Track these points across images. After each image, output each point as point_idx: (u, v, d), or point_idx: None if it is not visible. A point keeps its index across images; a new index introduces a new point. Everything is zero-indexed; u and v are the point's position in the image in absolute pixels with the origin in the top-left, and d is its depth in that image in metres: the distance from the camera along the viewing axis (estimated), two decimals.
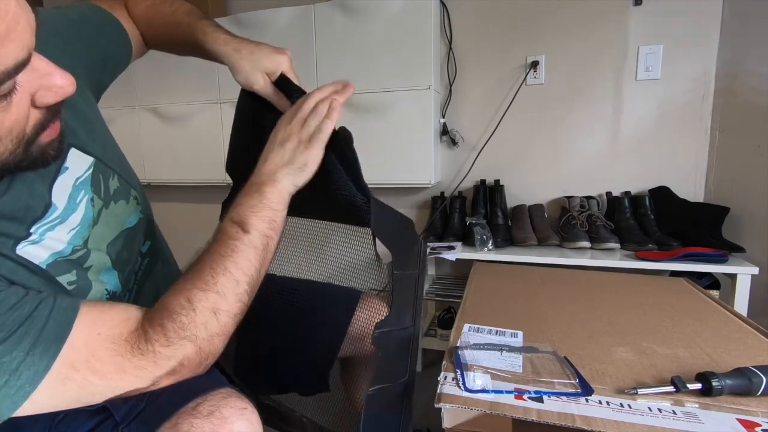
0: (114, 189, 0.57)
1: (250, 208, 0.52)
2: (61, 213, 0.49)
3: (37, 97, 0.38)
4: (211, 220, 0.65)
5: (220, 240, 0.50)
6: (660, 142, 1.51)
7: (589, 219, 1.45)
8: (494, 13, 1.62)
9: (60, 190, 0.49)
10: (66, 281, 0.49)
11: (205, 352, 0.47)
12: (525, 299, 0.90)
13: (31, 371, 0.39)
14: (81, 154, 0.53)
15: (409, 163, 1.58)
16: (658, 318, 0.79)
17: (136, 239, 0.62)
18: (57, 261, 0.48)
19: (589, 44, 1.54)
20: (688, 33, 1.44)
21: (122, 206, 0.59)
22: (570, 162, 1.62)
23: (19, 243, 0.45)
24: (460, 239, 1.53)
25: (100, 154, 0.55)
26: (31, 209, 0.46)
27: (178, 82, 1.83)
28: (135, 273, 0.62)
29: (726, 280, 1.26)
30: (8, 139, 0.38)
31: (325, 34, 1.61)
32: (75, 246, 0.50)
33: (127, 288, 0.59)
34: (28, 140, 0.39)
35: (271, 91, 0.64)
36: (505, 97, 1.64)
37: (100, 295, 0.54)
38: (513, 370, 0.60)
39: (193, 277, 0.48)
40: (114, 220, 0.56)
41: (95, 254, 0.53)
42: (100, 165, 0.55)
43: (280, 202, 0.53)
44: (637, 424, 0.48)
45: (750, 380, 0.53)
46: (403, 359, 0.61)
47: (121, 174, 0.59)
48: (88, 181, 0.53)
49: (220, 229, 0.52)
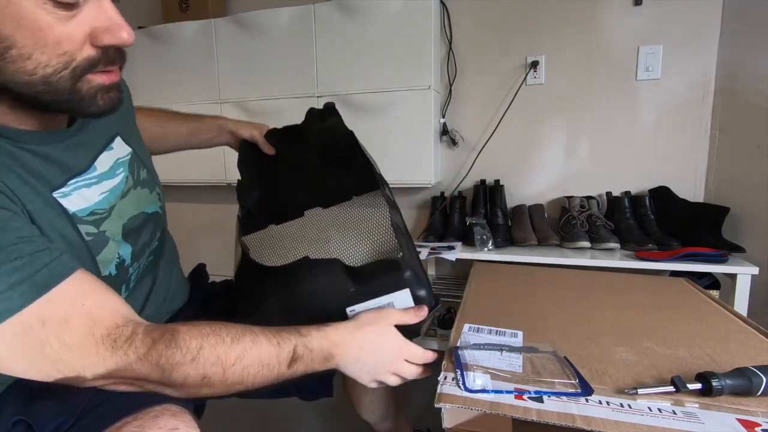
0: (143, 178, 0.65)
1: (311, 353, 0.53)
2: (98, 175, 0.56)
3: (97, 34, 0.42)
4: (210, 220, 0.66)
5: (276, 346, 0.50)
6: (660, 142, 1.51)
7: (589, 219, 1.45)
8: (494, 13, 1.62)
9: (103, 161, 0.58)
10: (85, 231, 0.53)
11: (166, 389, 0.46)
12: (525, 299, 0.89)
13: (4, 306, 0.39)
14: (123, 144, 0.63)
15: (409, 163, 1.58)
16: (658, 318, 0.79)
17: (150, 226, 0.66)
18: (79, 216, 0.53)
19: (589, 44, 1.54)
20: (688, 33, 1.44)
21: (146, 193, 0.66)
22: (570, 162, 1.62)
23: (54, 191, 0.50)
24: (460, 239, 1.53)
25: (137, 149, 0.66)
26: (75, 166, 0.53)
27: (178, 83, 1.83)
28: (143, 257, 0.64)
29: (726, 280, 1.25)
30: (54, 52, 0.40)
31: (325, 34, 1.61)
32: (100, 209, 0.56)
33: (135, 266, 0.61)
34: (75, 69, 0.42)
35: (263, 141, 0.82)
36: (505, 97, 1.64)
37: (113, 255, 0.56)
38: (513, 370, 0.60)
39: (225, 341, 0.47)
40: (138, 200, 0.63)
41: (114, 223, 0.58)
42: (135, 156, 0.64)
43: (323, 364, 0.55)
44: (637, 424, 0.48)
45: (750, 380, 0.53)
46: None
47: (149, 170, 0.68)
48: (126, 162, 0.62)
49: (287, 341, 0.51)
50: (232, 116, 1.84)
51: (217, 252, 1.88)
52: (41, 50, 0.40)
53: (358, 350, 0.55)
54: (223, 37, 1.74)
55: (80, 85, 0.43)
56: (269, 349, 0.49)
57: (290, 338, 0.51)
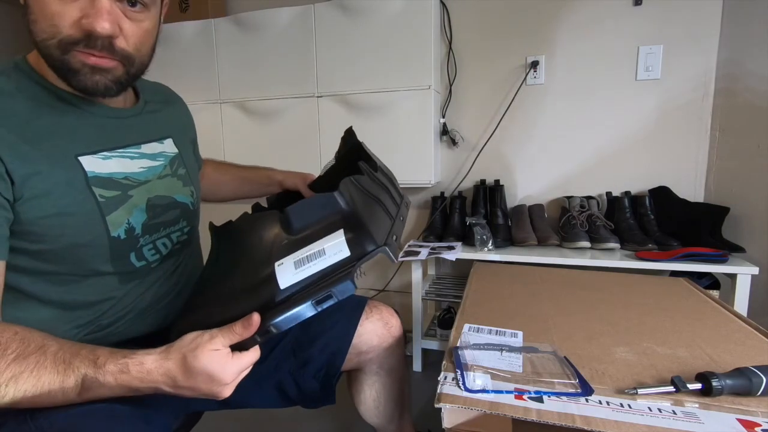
0: (180, 173, 0.73)
1: (104, 387, 0.47)
2: (140, 153, 0.66)
3: (81, 18, 0.51)
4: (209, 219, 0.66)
5: (61, 374, 0.46)
6: (660, 142, 1.51)
7: (589, 219, 1.45)
8: (494, 13, 1.62)
9: (151, 146, 0.69)
10: (99, 194, 0.58)
11: None
12: (525, 299, 0.90)
13: None
14: (173, 145, 0.74)
15: (409, 163, 1.58)
16: (658, 318, 0.79)
17: (176, 211, 0.70)
18: (112, 178, 0.60)
19: (589, 44, 1.54)
20: (688, 33, 1.44)
21: (180, 185, 0.72)
22: (570, 162, 1.62)
23: (83, 155, 0.58)
24: (460, 239, 1.53)
25: (184, 154, 0.76)
26: (123, 139, 0.64)
27: (178, 83, 1.83)
28: (157, 233, 0.67)
29: (726, 280, 1.25)
30: (48, 22, 0.51)
31: (325, 34, 1.61)
32: (135, 179, 0.64)
33: (147, 238, 0.65)
34: (60, 41, 0.52)
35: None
36: (505, 97, 1.64)
37: (122, 219, 0.61)
38: (513, 370, 0.60)
39: (7, 357, 0.45)
40: (171, 186, 0.70)
41: (141, 193, 0.64)
42: (179, 157, 0.74)
43: (130, 392, 0.49)
44: (637, 424, 0.48)
45: (750, 380, 0.53)
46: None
47: (189, 172, 0.76)
48: (169, 156, 0.72)
49: (75, 370, 0.47)
50: (232, 116, 1.83)
51: None
52: (43, 19, 0.51)
53: (170, 382, 0.48)
54: (223, 37, 1.74)
55: (68, 57, 0.53)
56: (52, 377, 0.46)
57: (80, 368, 0.47)
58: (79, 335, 0.61)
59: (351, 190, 0.57)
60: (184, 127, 0.82)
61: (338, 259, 0.53)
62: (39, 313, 0.58)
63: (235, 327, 0.50)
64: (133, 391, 0.48)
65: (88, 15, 0.51)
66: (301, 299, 0.51)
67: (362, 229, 0.54)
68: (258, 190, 0.95)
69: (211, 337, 0.49)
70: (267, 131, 1.75)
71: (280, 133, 1.73)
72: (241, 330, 0.50)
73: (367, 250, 0.53)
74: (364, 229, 0.54)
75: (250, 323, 0.49)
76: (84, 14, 0.51)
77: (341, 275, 0.52)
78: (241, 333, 0.50)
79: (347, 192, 0.56)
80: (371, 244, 0.53)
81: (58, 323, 0.59)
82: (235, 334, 0.50)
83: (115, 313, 0.63)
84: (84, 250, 0.58)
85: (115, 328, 0.64)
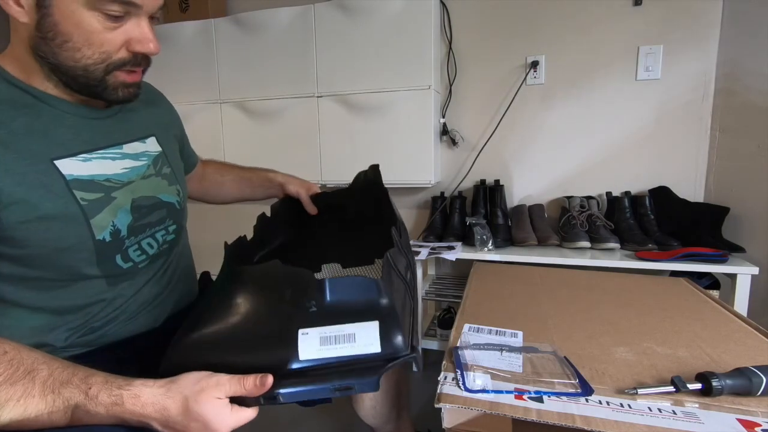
0: (164, 172, 0.72)
1: (95, 416, 0.45)
2: (122, 153, 0.66)
3: (132, 42, 0.57)
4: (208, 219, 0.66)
5: (50, 404, 0.45)
6: (660, 142, 1.51)
7: (589, 219, 1.45)
8: (494, 13, 1.62)
9: (133, 146, 0.68)
10: (81, 197, 0.58)
11: None
12: (525, 299, 0.90)
13: None
14: (156, 144, 0.73)
15: (409, 163, 1.58)
16: (658, 318, 0.79)
17: (162, 212, 0.70)
18: (93, 180, 0.60)
19: (589, 44, 1.54)
20: (688, 33, 1.44)
21: (165, 184, 0.72)
22: (570, 162, 1.62)
23: (61, 159, 0.57)
24: (460, 239, 1.53)
25: (168, 152, 0.75)
26: (102, 140, 0.63)
27: (178, 83, 1.83)
28: (143, 234, 0.66)
29: (726, 280, 1.25)
30: (98, 50, 0.55)
31: (325, 34, 1.61)
32: (117, 180, 0.63)
33: (132, 240, 0.64)
34: (109, 65, 0.56)
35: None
36: (505, 97, 1.64)
37: (107, 222, 0.60)
38: (513, 370, 0.60)
39: (14, 370, 0.44)
40: (155, 186, 0.69)
41: (125, 194, 0.63)
42: (163, 155, 0.73)
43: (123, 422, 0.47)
44: (637, 424, 0.48)
45: (750, 380, 0.53)
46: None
47: (174, 171, 0.75)
48: (153, 156, 0.71)
49: (66, 399, 0.45)
50: (232, 116, 1.83)
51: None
52: (88, 47, 0.54)
53: (162, 420, 0.47)
54: (223, 37, 1.74)
55: (108, 78, 0.57)
56: (39, 407, 0.44)
57: (71, 399, 0.45)
58: (72, 338, 0.61)
59: (392, 278, 0.56)
60: (168, 124, 0.80)
61: (367, 352, 0.51)
62: (30, 321, 0.58)
63: (246, 382, 0.47)
64: (123, 421, 0.47)
65: (137, 39, 0.57)
66: (320, 379, 0.49)
67: (397, 328, 0.52)
68: (259, 192, 0.95)
69: (217, 383, 0.47)
70: (267, 131, 1.75)
71: (280, 133, 1.73)
72: (252, 387, 0.47)
73: (398, 354, 0.51)
74: (398, 328, 0.52)
75: (264, 384, 0.47)
76: (130, 38, 0.56)
77: (367, 368, 0.50)
78: (250, 390, 0.47)
79: (389, 281, 0.55)
80: (403, 349, 0.52)
81: (49, 329, 0.59)
82: (243, 389, 0.47)
83: (106, 315, 0.63)
84: (69, 254, 0.57)
85: (107, 329, 0.64)
